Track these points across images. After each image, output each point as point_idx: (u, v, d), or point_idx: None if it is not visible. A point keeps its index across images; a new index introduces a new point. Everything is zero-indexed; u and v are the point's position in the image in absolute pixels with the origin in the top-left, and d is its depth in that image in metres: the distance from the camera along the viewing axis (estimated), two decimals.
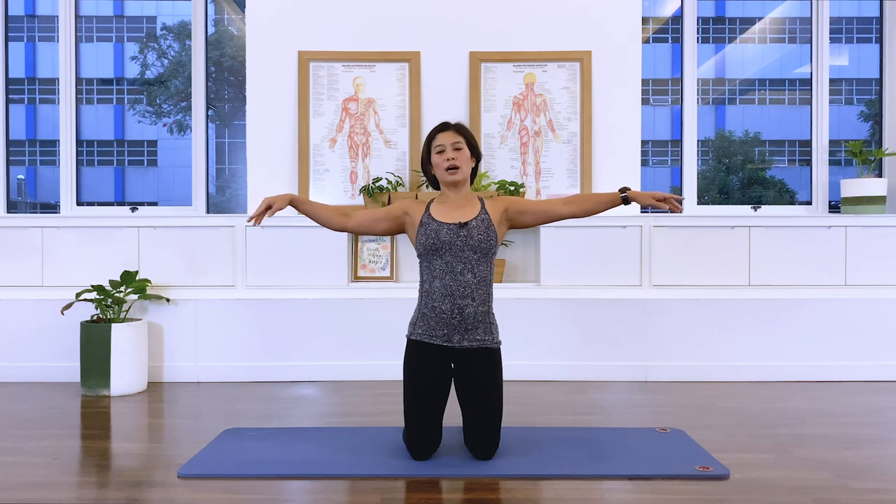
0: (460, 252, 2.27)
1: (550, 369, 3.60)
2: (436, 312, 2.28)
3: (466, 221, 2.30)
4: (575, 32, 3.93)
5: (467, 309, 2.26)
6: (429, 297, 2.30)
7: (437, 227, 2.30)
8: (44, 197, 14.36)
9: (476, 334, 2.29)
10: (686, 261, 3.68)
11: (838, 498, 1.99)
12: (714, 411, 3.00)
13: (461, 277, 2.26)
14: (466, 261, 2.27)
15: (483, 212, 2.34)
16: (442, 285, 2.27)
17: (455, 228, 2.28)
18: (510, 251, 3.87)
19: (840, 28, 13.54)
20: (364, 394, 3.32)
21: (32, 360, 3.61)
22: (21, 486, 2.11)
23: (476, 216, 2.32)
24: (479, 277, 2.29)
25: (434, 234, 2.29)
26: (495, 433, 2.31)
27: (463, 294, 2.26)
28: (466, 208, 2.35)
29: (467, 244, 2.27)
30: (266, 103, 3.93)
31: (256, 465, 2.25)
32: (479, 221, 2.31)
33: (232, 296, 3.63)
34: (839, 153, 5.04)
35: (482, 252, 2.29)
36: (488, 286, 2.33)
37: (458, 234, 2.27)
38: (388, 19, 3.93)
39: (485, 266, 2.31)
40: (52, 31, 14.05)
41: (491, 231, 2.31)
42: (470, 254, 2.27)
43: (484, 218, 2.32)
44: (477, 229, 2.29)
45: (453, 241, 2.27)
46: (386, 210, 2.44)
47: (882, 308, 3.62)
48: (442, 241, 2.27)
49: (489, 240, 2.29)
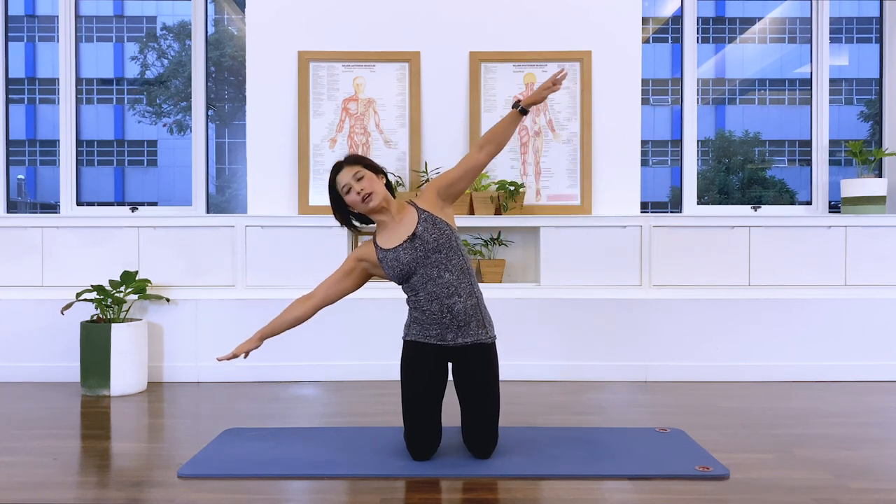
0: (427, 260, 2.27)
1: (550, 369, 3.60)
2: (426, 315, 2.29)
3: (413, 231, 2.28)
4: (575, 32, 3.93)
5: (456, 306, 2.27)
6: (416, 305, 2.32)
7: (393, 254, 2.29)
8: (44, 197, 14.37)
9: (469, 330, 2.29)
10: (686, 261, 3.68)
11: (838, 498, 1.99)
12: (714, 411, 3.00)
13: (441, 280, 2.27)
14: (437, 263, 2.27)
15: (421, 212, 2.32)
16: (426, 293, 2.28)
17: (408, 245, 2.27)
18: (510, 251, 3.87)
19: (840, 28, 13.55)
20: (364, 394, 3.32)
21: (32, 360, 3.61)
22: (21, 486, 2.11)
23: (418, 221, 2.30)
24: (458, 271, 2.29)
25: (395, 261, 2.29)
26: (492, 430, 2.31)
27: (448, 294, 2.27)
28: (405, 220, 2.33)
29: (428, 249, 2.26)
30: (266, 103, 3.93)
31: (256, 465, 2.25)
32: (423, 223, 2.29)
33: (232, 296, 3.63)
34: (839, 153, 5.04)
35: (446, 247, 2.28)
36: (470, 276, 2.33)
37: (414, 248, 2.27)
38: (389, 19, 3.93)
39: (457, 258, 2.30)
40: (52, 31, 14.06)
41: (439, 223, 2.29)
42: (436, 256, 2.27)
43: (425, 217, 2.30)
44: (427, 231, 2.27)
45: (415, 255, 2.27)
46: (341, 270, 2.42)
47: (882, 308, 3.62)
48: (406, 263, 2.27)
49: (444, 232, 2.28)
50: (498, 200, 3.75)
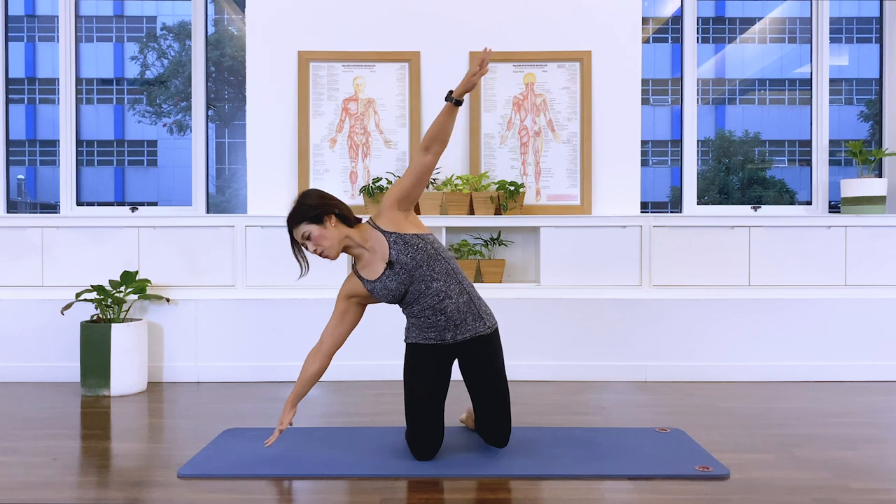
0: (413, 278, 2.26)
1: (550, 369, 3.60)
2: (423, 321, 2.31)
3: (389, 259, 2.27)
4: (575, 32, 3.93)
5: (449, 308, 2.28)
6: (412, 314, 2.34)
7: (380, 283, 2.29)
8: (44, 197, 14.37)
9: (467, 326, 2.31)
10: (686, 261, 3.68)
11: (838, 498, 1.99)
12: (714, 411, 3.00)
13: (430, 290, 2.27)
14: (423, 277, 2.26)
15: (388, 235, 2.28)
16: (420, 306, 2.30)
17: (390, 272, 2.27)
18: (510, 251, 3.87)
19: (840, 28, 13.55)
20: (364, 394, 3.32)
21: (32, 360, 3.61)
22: (21, 486, 2.11)
23: (389, 246, 2.27)
24: (444, 275, 2.28)
25: (384, 289, 2.29)
26: (506, 417, 2.34)
27: (440, 299, 2.27)
28: (377, 247, 2.29)
29: (409, 269, 2.25)
30: (266, 103, 3.93)
31: (256, 465, 2.25)
32: (395, 247, 2.26)
33: (232, 296, 3.63)
34: (839, 153, 5.04)
35: (425, 260, 2.26)
36: (456, 274, 2.33)
37: (396, 273, 2.26)
38: (388, 19, 3.93)
39: (439, 264, 2.28)
40: (52, 31, 14.07)
41: (409, 240, 2.26)
42: (419, 271, 2.26)
43: (394, 239, 2.27)
44: (401, 254, 2.25)
45: (400, 279, 2.26)
46: (337, 313, 2.39)
47: (882, 308, 3.62)
48: (395, 288, 2.28)
49: (417, 247, 2.26)
50: (498, 200, 3.75)
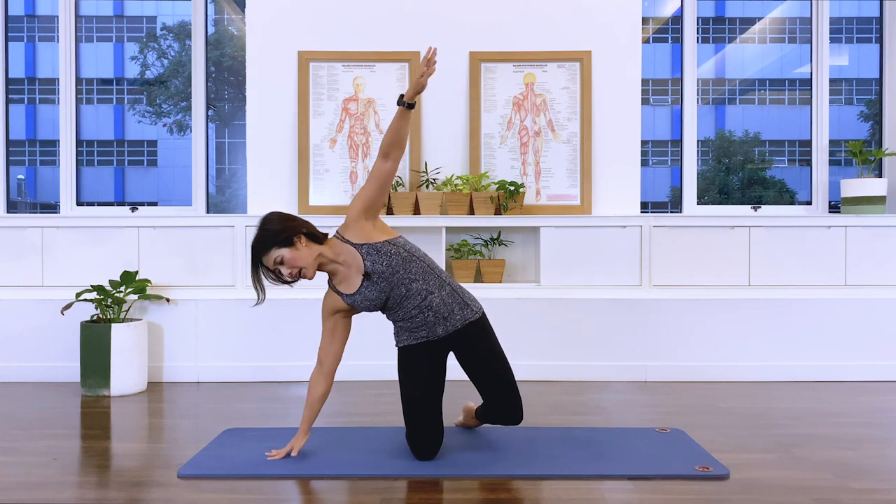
0: (391, 284, 2.26)
1: (550, 369, 3.60)
2: (411, 323, 2.32)
3: (365, 270, 2.26)
4: (575, 32, 3.93)
5: (434, 302, 2.29)
6: (397, 318, 2.34)
7: (360, 295, 2.29)
8: (44, 197, 14.36)
9: (455, 316, 2.32)
10: (686, 261, 3.68)
11: (838, 498, 1.99)
12: (714, 411, 3.00)
13: (411, 291, 2.27)
14: (402, 281, 2.26)
15: (359, 247, 2.27)
16: (404, 311, 2.30)
17: (368, 283, 2.26)
18: (510, 251, 3.87)
19: (840, 28, 13.54)
20: (364, 394, 3.32)
21: (32, 360, 3.61)
22: (21, 486, 2.11)
23: (363, 258, 2.26)
24: (422, 274, 2.29)
25: (365, 300, 2.29)
26: (514, 391, 2.37)
27: (423, 297, 2.28)
28: (350, 261, 2.28)
29: (387, 277, 2.25)
30: (266, 103, 3.93)
31: (256, 465, 2.25)
32: (368, 258, 2.25)
33: (232, 296, 3.63)
34: (839, 153, 5.04)
35: (401, 264, 2.25)
36: (434, 270, 2.33)
37: (374, 283, 2.26)
38: (388, 19, 3.93)
39: (415, 265, 2.28)
40: (52, 31, 14.06)
41: (381, 248, 2.25)
42: (397, 276, 2.25)
43: (366, 250, 2.26)
44: (376, 263, 2.24)
45: (380, 287, 2.26)
46: (326, 331, 2.37)
47: (882, 308, 3.62)
48: (375, 297, 2.28)
49: (390, 254, 2.25)
50: (498, 200, 3.75)
